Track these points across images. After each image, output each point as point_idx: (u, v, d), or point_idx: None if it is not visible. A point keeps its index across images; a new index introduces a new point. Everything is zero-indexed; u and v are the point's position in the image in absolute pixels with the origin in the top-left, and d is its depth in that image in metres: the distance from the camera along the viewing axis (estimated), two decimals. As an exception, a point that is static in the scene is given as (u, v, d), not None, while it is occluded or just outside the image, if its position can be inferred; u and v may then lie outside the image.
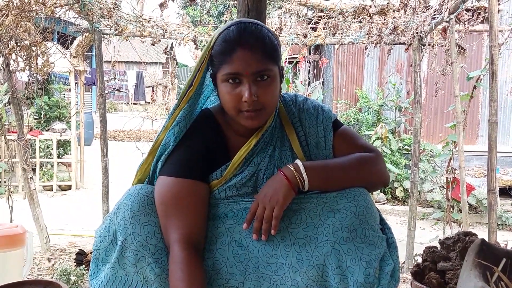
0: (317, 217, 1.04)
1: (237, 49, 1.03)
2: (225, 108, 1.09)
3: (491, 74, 2.20)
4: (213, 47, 1.07)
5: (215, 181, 1.10)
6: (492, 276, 0.85)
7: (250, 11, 1.58)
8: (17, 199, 3.53)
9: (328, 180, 1.07)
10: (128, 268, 1.03)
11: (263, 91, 1.04)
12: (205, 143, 1.11)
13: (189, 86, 1.11)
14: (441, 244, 1.40)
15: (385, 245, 1.05)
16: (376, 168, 1.13)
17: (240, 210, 1.08)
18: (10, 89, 2.97)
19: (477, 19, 2.85)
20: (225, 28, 1.08)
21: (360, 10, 2.70)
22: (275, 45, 1.08)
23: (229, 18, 3.35)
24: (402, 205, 5.50)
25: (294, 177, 1.05)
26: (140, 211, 1.03)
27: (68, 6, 2.81)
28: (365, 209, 1.03)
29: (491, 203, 2.25)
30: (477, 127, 6.30)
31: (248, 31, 1.05)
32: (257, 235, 1.04)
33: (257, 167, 1.12)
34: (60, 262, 2.87)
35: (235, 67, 1.03)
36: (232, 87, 1.04)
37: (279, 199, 1.03)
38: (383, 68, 6.55)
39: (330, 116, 1.18)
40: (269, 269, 1.03)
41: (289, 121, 1.17)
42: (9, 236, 1.76)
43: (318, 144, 1.15)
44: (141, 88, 17.53)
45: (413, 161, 3.26)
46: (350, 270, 0.99)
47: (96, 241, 1.08)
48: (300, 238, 1.03)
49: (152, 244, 1.02)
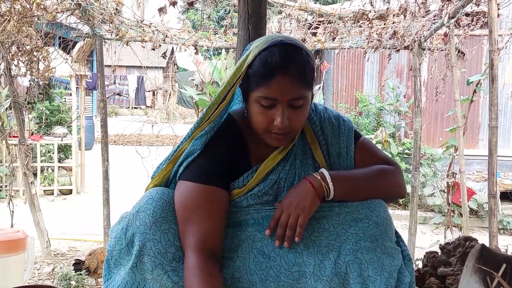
0: (340, 226, 1.04)
1: (278, 76, 1.00)
2: (253, 125, 1.08)
3: (491, 78, 2.21)
4: (251, 65, 1.04)
5: (236, 190, 1.09)
6: (492, 281, 0.85)
7: (250, 17, 1.59)
8: (18, 203, 3.53)
9: (352, 191, 1.08)
10: (146, 275, 1.02)
11: (295, 117, 1.03)
12: (227, 150, 1.11)
13: (222, 100, 1.09)
14: (442, 249, 1.40)
15: (401, 257, 1.06)
16: (395, 181, 1.15)
17: (261, 218, 1.08)
18: (11, 94, 2.98)
19: (477, 23, 2.87)
20: (266, 46, 1.03)
21: (360, 15, 2.71)
22: (313, 70, 1.06)
23: (230, 23, 3.36)
24: (403, 209, 5.49)
25: (321, 185, 1.05)
26: (161, 217, 1.02)
27: (70, 11, 2.82)
28: (385, 220, 1.05)
29: (492, 208, 2.25)
30: (477, 131, 6.31)
31: (291, 57, 1.02)
32: (280, 242, 1.04)
33: (279, 175, 1.11)
34: (61, 267, 2.86)
35: (272, 93, 1.01)
36: (265, 109, 1.03)
37: (305, 207, 1.03)
38: (383, 73, 6.56)
39: (351, 126, 1.19)
40: (291, 277, 1.03)
41: (311, 129, 1.17)
42: (11, 241, 1.76)
43: (340, 154, 1.15)
44: (142, 93, 17.57)
45: (414, 165, 3.26)
46: (371, 280, 1.00)
47: (111, 241, 1.07)
48: (323, 247, 1.03)
49: (170, 252, 1.01)
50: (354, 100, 6.62)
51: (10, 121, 4.33)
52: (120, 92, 17.60)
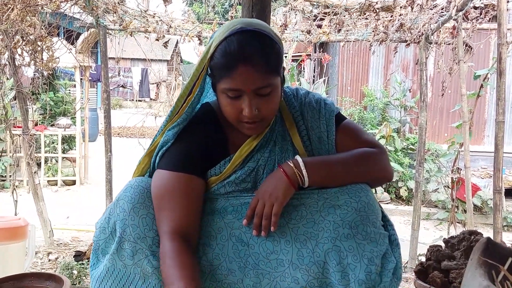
0: (317, 213, 1.02)
1: (239, 66, 0.97)
2: (225, 115, 1.07)
3: (498, 72, 2.18)
4: (212, 57, 1.02)
5: (213, 177, 1.09)
6: (497, 275, 0.83)
7: (254, 5, 1.57)
8: (21, 193, 3.55)
9: (329, 177, 1.06)
10: (127, 260, 1.03)
11: (264, 105, 1.02)
12: (204, 138, 1.10)
13: (189, 93, 1.08)
14: (446, 243, 1.39)
15: (387, 242, 1.03)
16: (379, 164, 1.11)
17: (239, 205, 1.07)
18: (15, 84, 2.98)
19: (485, 17, 2.82)
20: (224, 37, 1.00)
21: (366, 6, 2.68)
22: (278, 55, 1.02)
23: (235, 15, 3.33)
24: (406, 204, 5.47)
25: (294, 173, 1.03)
26: (139, 203, 1.03)
27: (73, 1, 2.81)
28: (367, 205, 1.02)
29: (497, 203, 2.22)
30: (483, 127, 6.25)
31: (250, 44, 0.98)
32: (257, 231, 1.03)
33: (257, 162, 1.10)
34: (63, 257, 2.88)
35: (235, 84, 0.99)
36: (232, 100, 1.02)
37: (279, 196, 1.02)
38: (388, 67, 6.51)
39: (333, 109, 1.16)
40: (269, 265, 1.02)
41: (290, 115, 1.14)
42: (11, 228, 1.76)
43: (321, 139, 1.13)
44: (146, 85, 17.56)
45: (418, 161, 3.24)
46: (351, 267, 0.98)
47: (96, 232, 1.08)
48: (300, 235, 1.02)
49: (150, 237, 1.01)
50: (360, 94, 6.57)
51: (15, 111, 4.33)
52: (124, 84, 17.60)
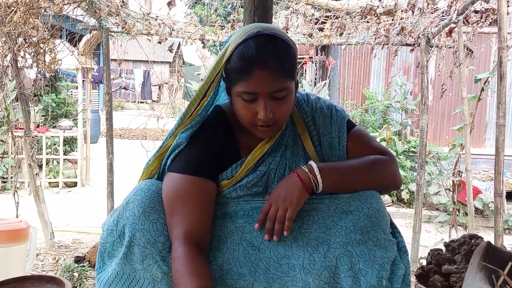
0: (329, 218, 1.03)
1: (255, 69, 0.98)
2: (239, 119, 1.07)
3: (499, 76, 2.18)
4: (228, 60, 1.03)
5: (225, 181, 1.09)
6: (497, 279, 0.83)
7: (256, 9, 1.58)
8: (23, 195, 3.55)
9: (342, 183, 1.06)
10: (136, 265, 1.02)
11: (279, 108, 1.03)
12: (216, 142, 1.10)
13: (203, 96, 1.09)
14: (446, 246, 1.39)
15: (396, 249, 1.04)
16: (389, 172, 1.12)
17: (250, 210, 1.07)
18: (17, 86, 2.99)
19: (486, 20, 2.83)
20: (242, 40, 1.02)
21: (367, 10, 2.68)
22: (293, 60, 1.04)
23: (236, 18, 3.34)
24: (408, 207, 5.46)
25: (308, 178, 1.04)
26: (150, 207, 1.02)
27: (76, 3, 2.82)
28: (378, 212, 1.03)
29: (498, 207, 2.22)
30: (484, 130, 6.25)
31: (267, 48, 1.00)
32: (269, 236, 1.03)
33: (269, 166, 1.11)
34: (64, 259, 2.88)
35: (251, 87, 1.00)
36: (247, 103, 1.03)
37: (293, 201, 1.02)
38: (390, 70, 6.52)
39: (344, 116, 1.17)
40: (280, 270, 1.02)
41: (302, 120, 1.16)
42: (13, 231, 1.76)
43: (332, 145, 1.14)
44: (148, 87, 17.60)
45: (419, 163, 3.24)
46: (362, 273, 0.98)
47: (103, 234, 1.07)
48: (312, 239, 1.02)
49: (160, 242, 1.01)
50: (361, 97, 6.58)
51: (16, 113, 4.35)
52: (126, 86, 17.64)
